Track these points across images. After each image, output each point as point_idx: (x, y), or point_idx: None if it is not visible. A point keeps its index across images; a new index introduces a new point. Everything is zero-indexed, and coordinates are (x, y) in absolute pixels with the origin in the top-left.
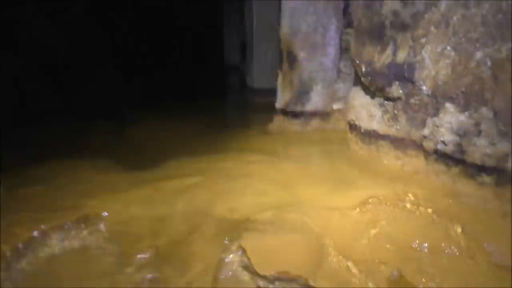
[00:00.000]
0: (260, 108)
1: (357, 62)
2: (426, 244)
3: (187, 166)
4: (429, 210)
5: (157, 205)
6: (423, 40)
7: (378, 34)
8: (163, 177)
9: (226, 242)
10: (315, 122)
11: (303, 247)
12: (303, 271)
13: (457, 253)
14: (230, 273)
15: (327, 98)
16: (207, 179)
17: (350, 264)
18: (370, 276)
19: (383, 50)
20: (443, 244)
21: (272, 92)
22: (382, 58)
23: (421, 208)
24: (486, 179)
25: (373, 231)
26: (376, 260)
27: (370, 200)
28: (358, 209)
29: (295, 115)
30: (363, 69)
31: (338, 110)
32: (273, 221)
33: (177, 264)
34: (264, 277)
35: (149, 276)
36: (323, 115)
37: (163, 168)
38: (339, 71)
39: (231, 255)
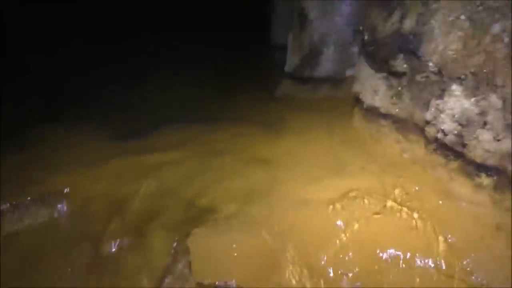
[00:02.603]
0: (279, 66)
1: (361, 28)
2: (400, 255)
3: (175, 137)
4: (413, 212)
5: (126, 183)
6: (435, 6)
7: None
8: (145, 149)
9: (174, 245)
10: (325, 89)
11: (258, 251)
12: (249, 281)
13: (433, 269)
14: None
15: (339, 63)
16: (189, 154)
17: (306, 275)
18: None
19: (389, 16)
20: (419, 257)
21: None
22: (387, 26)
23: (405, 209)
24: (485, 180)
25: (342, 236)
26: (339, 271)
27: (350, 194)
28: (333, 206)
29: (304, 80)
30: (365, 37)
31: (352, 76)
32: (236, 215)
33: (121, 264)
34: (201, 285)
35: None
36: (335, 81)
37: (150, 137)
38: (355, 33)
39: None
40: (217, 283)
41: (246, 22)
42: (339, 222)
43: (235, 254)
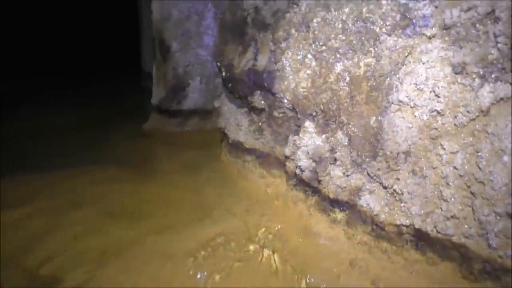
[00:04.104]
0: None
1: (218, 64)
2: None
3: (23, 189)
4: (275, 254)
5: None
6: (283, 44)
7: (240, 32)
8: None
9: None
10: (194, 121)
11: None
12: None
13: None
14: None
15: (207, 94)
16: (37, 210)
17: None
18: None
19: (244, 52)
20: None
21: None
22: (242, 62)
23: (267, 252)
24: (339, 215)
25: None
26: None
27: (214, 242)
28: (195, 258)
29: (172, 113)
30: (223, 73)
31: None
32: (85, 282)
33: None
34: None
35: None
36: (203, 113)
37: None
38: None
39: None
40: None
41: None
42: (199, 276)
43: None
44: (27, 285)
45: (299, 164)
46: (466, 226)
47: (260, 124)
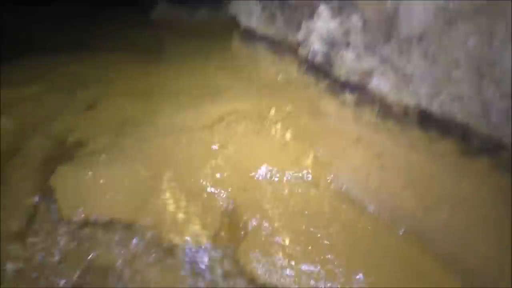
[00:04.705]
0: None
1: None
2: (272, 171)
3: (35, 69)
4: (286, 131)
5: None
6: None
7: None
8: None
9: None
10: (204, 10)
11: (132, 182)
12: (123, 213)
13: (301, 181)
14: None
15: None
16: (51, 87)
17: (182, 199)
18: (204, 210)
19: None
20: (290, 171)
21: None
22: None
23: (279, 128)
24: (348, 97)
25: (219, 158)
26: (214, 192)
27: (227, 118)
28: (211, 129)
29: (181, 1)
30: None
31: None
32: (107, 148)
33: None
34: (70, 223)
35: None
36: (214, 2)
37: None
38: None
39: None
40: (89, 218)
41: None
42: (215, 146)
43: (107, 187)
44: (51, 148)
45: (311, 48)
46: (470, 106)
47: (273, 10)
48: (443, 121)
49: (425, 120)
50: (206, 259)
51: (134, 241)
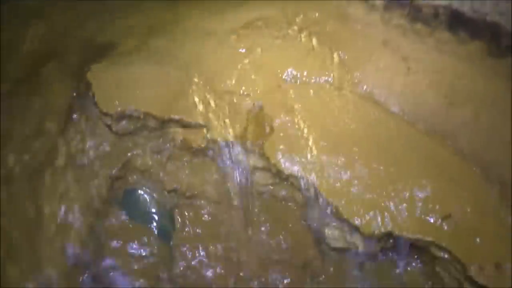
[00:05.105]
0: None
1: None
2: (298, 75)
3: None
4: (312, 36)
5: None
6: None
7: None
8: None
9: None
10: None
11: (163, 80)
12: (156, 107)
13: (326, 84)
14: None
15: None
16: None
17: (211, 98)
18: (231, 110)
19: None
20: (315, 74)
21: None
22: None
23: (305, 34)
24: (377, 1)
25: (246, 61)
26: (242, 93)
27: (253, 24)
28: (237, 35)
29: None
30: None
31: None
32: (138, 49)
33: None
34: (107, 115)
35: None
36: None
37: None
38: None
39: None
40: (125, 111)
41: None
42: (242, 50)
43: (140, 84)
44: (84, 50)
45: None
46: (502, 3)
47: None
48: (473, 22)
49: (456, 20)
50: (233, 155)
51: (167, 146)
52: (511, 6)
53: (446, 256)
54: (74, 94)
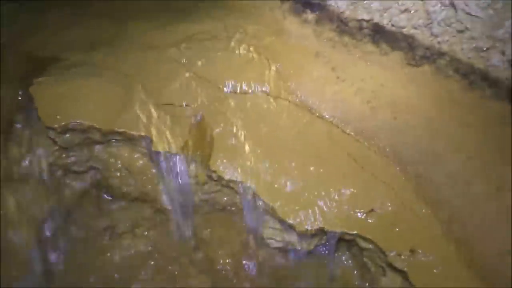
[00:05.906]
0: None
1: None
2: (237, 86)
3: None
4: (251, 48)
5: None
6: None
7: None
8: None
9: (19, 95)
10: None
11: (107, 93)
12: (100, 120)
13: (263, 94)
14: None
15: None
16: (20, 7)
17: (153, 109)
18: (173, 121)
19: None
20: (253, 84)
21: None
22: None
23: (244, 46)
24: (310, 16)
25: (187, 74)
26: (183, 104)
27: (195, 37)
28: (178, 47)
29: None
30: None
31: None
32: (81, 62)
33: None
34: (51, 129)
35: None
36: None
37: None
38: None
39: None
40: (68, 125)
41: None
42: (184, 61)
43: (83, 97)
44: (26, 64)
45: None
46: (415, 18)
47: None
48: (392, 35)
49: (378, 33)
50: (176, 166)
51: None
52: (424, 19)
53: (370, 246)
54: (16, 106)
